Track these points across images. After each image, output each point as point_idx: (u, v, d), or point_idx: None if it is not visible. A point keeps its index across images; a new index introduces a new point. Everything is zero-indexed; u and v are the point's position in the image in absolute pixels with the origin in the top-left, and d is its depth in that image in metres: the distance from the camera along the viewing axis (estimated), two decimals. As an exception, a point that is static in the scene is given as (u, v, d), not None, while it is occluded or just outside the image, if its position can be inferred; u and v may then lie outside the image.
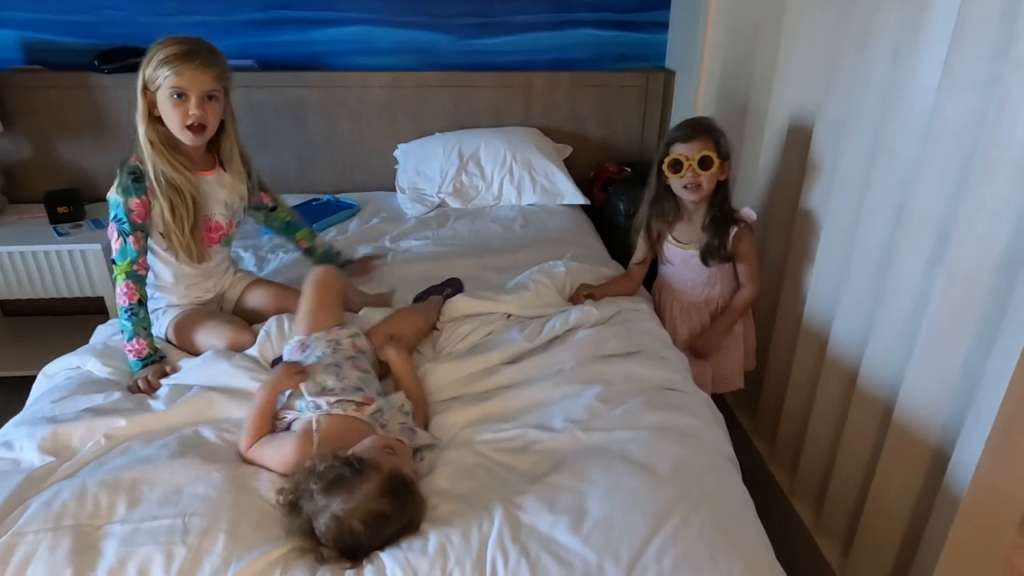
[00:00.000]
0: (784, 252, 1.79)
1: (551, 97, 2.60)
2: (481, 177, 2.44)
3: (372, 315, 1.60)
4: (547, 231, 2.24)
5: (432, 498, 1.10)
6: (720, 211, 1.68)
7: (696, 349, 1.77)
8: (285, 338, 1.48)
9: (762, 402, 1.96)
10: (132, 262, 1.45)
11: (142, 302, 1.46)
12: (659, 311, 1.80)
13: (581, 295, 1.71)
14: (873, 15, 1.37)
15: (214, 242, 1.61)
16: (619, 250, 2.28)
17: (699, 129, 1.62)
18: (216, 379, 1.36)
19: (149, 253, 1.52)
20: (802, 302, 1.69)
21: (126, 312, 1.43)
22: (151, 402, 1.30)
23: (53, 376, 1.46)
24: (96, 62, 2.35)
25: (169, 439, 1.19)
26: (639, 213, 1.79)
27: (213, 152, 1.58)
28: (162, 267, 1.57)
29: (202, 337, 1.53)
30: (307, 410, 1.20)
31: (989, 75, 1.10)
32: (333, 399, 1.21)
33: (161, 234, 1.52)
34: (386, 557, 0.99)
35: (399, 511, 1.02)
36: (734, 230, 1.67)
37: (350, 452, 1.08)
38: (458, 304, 1.64)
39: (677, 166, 1.61)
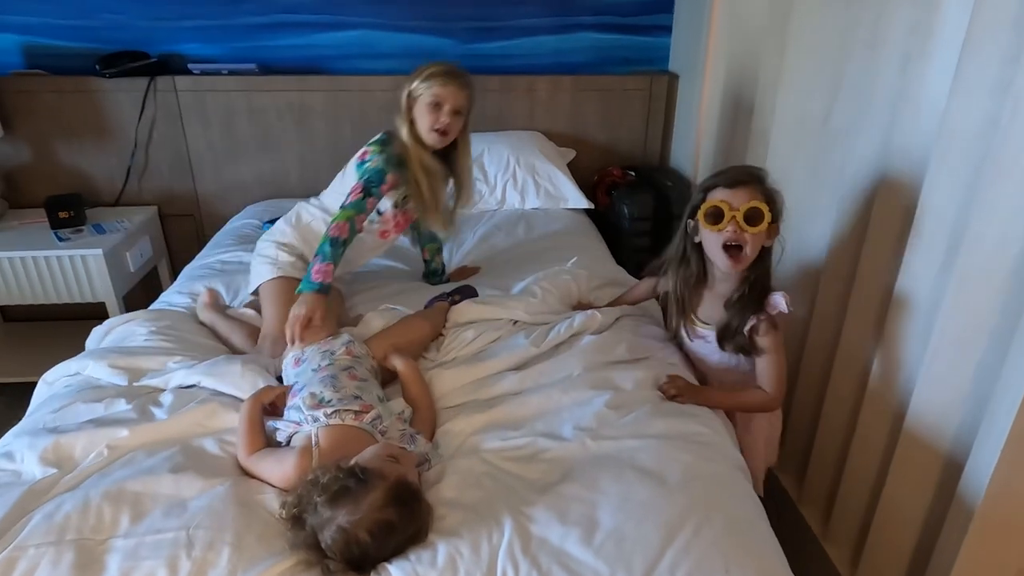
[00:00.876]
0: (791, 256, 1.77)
1: (554, 101, 2.59)
2: (484, 181, 2.42)
3: (373, 321, 1.58)
4: (551, 235, 2.23)
5: (439, 508, 1.08)
6: (752, 289, 1.33)
7: (669, 387, 1.36)
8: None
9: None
10: (359, 212, 1.61)
11: (346, 242, 1.58)
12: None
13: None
14: (881, 19, 1.36)
15: (400, 229, 1.81)
16: (623, 254, 2.27)
17: (747, 174, 1.31)
18: (223, 384, 1.35)
19: None
20: (810, 306, 1.68)
21: (330, 241, 1.55)
22: (154, 411, 1.28)
23: (53, 383, 1.44)
24: (98, 66, 2.34)
25: (172, 451, 1.17)
26: (661, 269, 1.50)
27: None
28: None
29: (280, 309, 1.57)
30: (306, 423, 1.19)
31: (1001, 79, 1.09)
32: (330, 410, 1.20)
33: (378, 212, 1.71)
34: (394, 569, 0.97)
35: (406, 520, 1.01)
36: (751, 322, 1.33)
37: (353, 462, 1.06)
38: (464, 309, 1.62)
39: (716, 216, 1.27)
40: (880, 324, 1.40)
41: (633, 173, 2.56)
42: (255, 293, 1.72)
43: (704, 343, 1.45)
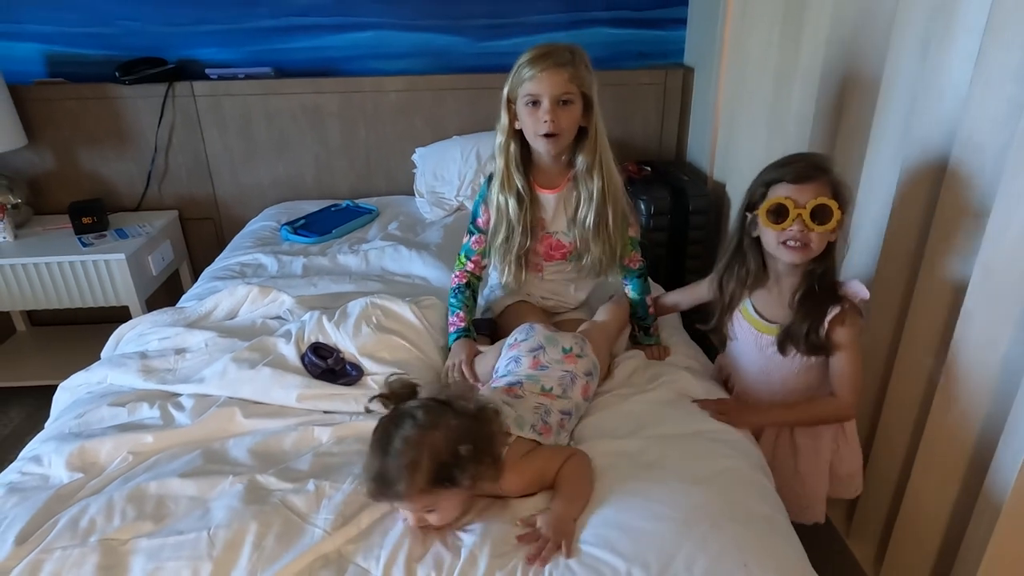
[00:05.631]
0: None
1: (568, 97, 2.58)
2: (500, 179, 2.42)
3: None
4: (567, 232, 2.22)
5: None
6: (820, 284, 1.24)
7: (725, 406, 1.30)
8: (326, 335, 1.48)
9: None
10: (467, 258, 1.56)
11: (469, 285, 1.55)
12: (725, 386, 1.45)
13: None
14: (901, 4, 1.33)
15: (554, 259, 1.55)
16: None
17: (814, 167, 1.21)
18: (238, 390, 1.35)
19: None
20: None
21: (453, 291, 1.55)
22: (176, 415, 1.30)
23: (74, 390, 1.46)
24: (117, 73, 2.38)
25: (194, 454, 1.19)
26: (715, 268, 1.40)
27: (572, 167, 1.46)
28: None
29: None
30: None
31: (1024, 66, 1.06)
32: None
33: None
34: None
35: (385, 453, 0.98)
36: (834, 312, 1.22)
37: (480, 402, 1.07)
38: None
39: (780, 214, 1.19)
40: (902, 317, 1.38)
41: (648, 168, 2.53)
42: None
43: (759, 346, 1.33)
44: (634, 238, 1.55)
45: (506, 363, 1.33)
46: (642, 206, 2.30)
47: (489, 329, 1.62)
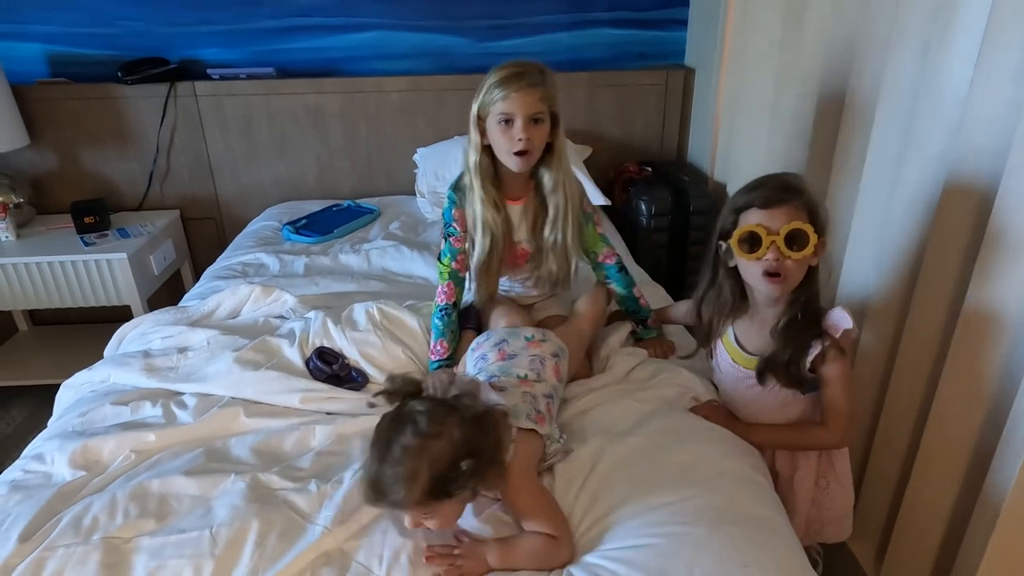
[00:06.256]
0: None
1: (569, 97, 2.58)
2: (501, 179, 2.42)
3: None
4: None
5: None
6: (803, 312, 1.16)
7: (714, 413, 1.30)
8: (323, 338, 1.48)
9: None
10: (452, 259, 1.49)
11: (456, 305, 1.49)
12: None
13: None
14: (901, 6, 1.33)
15: (518, 265, 1.57)
16: (642, 251, 2.26)
17: (786, 190, 1.12)
18: (242, 391, 1.36)
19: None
20: (832, 297, 1.65)
21: (439, 311, 1.47)
22: (179, 414, 1.31)
23: (77, 388, 1.46)
24: (120, 73, 2.38)
25: (196, 452, 1.19)
26: (694, 295, 1.34)
27: (533, 179, 1.48)
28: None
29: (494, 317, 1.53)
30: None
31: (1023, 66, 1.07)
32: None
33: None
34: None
35: (392, 447, 0.95)
36: (814, 351, 1.15)
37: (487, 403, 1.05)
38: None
39: (753, 243, 1.11)
40: (903, 316, 1.38)
41: (649, 168, 2.54)
42: None
43: (737, 377, 1.28)
44: (603, 235, 1.57)
45: (474, 363, 1.33)
46: (643, 206, 2.30)
47: (476, 321, 1.61)
